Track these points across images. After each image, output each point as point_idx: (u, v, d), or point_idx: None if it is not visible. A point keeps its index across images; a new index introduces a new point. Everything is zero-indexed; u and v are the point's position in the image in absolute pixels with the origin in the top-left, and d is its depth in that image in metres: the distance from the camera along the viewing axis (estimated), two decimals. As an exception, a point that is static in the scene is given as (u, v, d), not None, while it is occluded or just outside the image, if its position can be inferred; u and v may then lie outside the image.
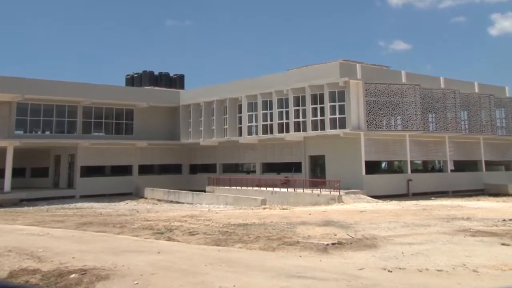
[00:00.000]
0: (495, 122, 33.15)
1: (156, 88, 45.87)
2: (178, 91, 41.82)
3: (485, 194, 29.73)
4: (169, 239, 11.89)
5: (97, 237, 12.54)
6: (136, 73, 55.04)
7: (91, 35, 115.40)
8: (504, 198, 25.94)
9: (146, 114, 36.73)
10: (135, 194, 33.60)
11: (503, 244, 9.81)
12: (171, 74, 56.36)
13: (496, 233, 11.29)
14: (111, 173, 35.75)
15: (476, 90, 33.08)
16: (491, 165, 33.63)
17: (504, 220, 13.75)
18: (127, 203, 28.93)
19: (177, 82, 55.24)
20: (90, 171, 34.04)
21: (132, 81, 54.10)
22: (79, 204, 27.57)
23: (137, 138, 35.75)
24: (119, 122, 36.41)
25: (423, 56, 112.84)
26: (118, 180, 34.35)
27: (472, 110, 31.88)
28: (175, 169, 37.92)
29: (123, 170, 35.59)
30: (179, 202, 28.73)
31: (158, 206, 27.03)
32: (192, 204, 27.54)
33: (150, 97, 37.35)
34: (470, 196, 28.00)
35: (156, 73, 55.19)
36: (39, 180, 35.91)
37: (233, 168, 36.97)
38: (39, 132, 33.65)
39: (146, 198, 31.70)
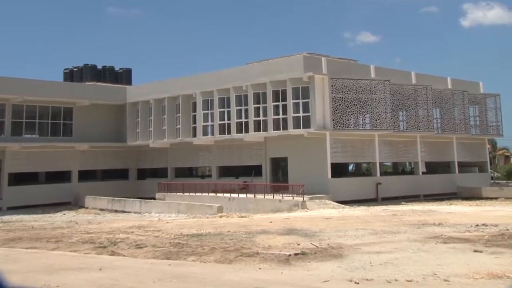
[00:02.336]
0: (469, 121, 34.40)
1: (99, 83, 45.01)
2: (124, 87, 41.19)
3: (458, 197, 30.81)
4: (113, 253, 11.68)
5: (27, 254, 12.12)
6: (76, 67, 53.89)
7: (21, 24, 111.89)
8: (478, 202, 26.91)
9: (88, 113, 35.90)
10: (74, 204, 32.84)
11: (475, 251, 10.16)
12: (117, 68, 55.57)
13: (469, 239, 11.70)
14: (45, 181, 34.75)
15: (449, 86, 34.18)
16: (464, 167, 34.88)
17: (477, 225, 14.28)
18: (64, 214, 28.24)
19: (123, 77, 54.51)
20: (21, 178, 32.94)
21: (71, 75, 52.91)
22: (6, 217, 26.56)
23: (77, 140, 34.89)
24: (55, 122, 35.41)
25: (393, 49, 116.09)
26: (54, 188, 33.44)
27: (444, 107, 32.94)
28: (120, 174, 37.34)
29: (60, 177, 34.66)
30: (125, 212, 28.32)
31: (101, 216, 26.55)
32: (140, 213, 27.21)
33: (92, 94, 36.52)
34: (442, 200, 28.90)
35: (99, 66, 54.31)
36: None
37: (186, 172, 36.71)
38: (-41, 135, 32.26)
39: (87, 208, 31.05)
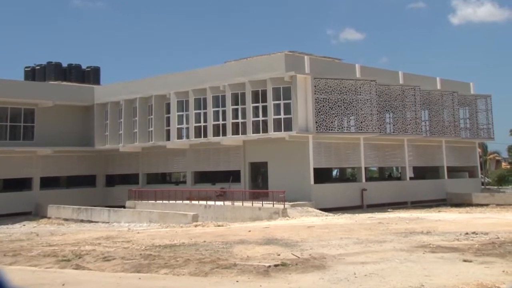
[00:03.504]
0: (459, 123, 34.90)
1: (64, 83, 44.75)
2: (92, 86, 40.97)
3: (447, 204, 31.28)
4: (77, 267, 11.54)
5: (-19, 269, 11.85)
6: (38, 65, 53.31)
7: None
8: (468, 209, 27.40)
9: (51, 114, 35.47)
10: (36, 214, 32.41)
11: (465, 261, 10.33)
12: (84, 67, 55.16)
13: (458, 249, 11.89)
14: (3, 189, 34.13)
15: (438, 87, 34.66)
16: (454, 172, 35.39)
17: (467, 233, 14.52)
18: (24, 225, 27.90)
19: (91, 76, 54.19)
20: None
21: (33, 74, 52.32)
22: (-42, 229, 26.03)
23: (39, 144, 34.42)
24: (15, 125, 34.88)
25: (378, 47, 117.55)
26: (12, 197, 32.87)
27: (433, 109, 33.38)
28: (87, 181, 36.98)
29: (19, 185, 34.14)
30: (92, 221, 28.08)
31: (65, 227, 26.29)
32: (108, 223, 27.03)
33: (56, 94, 36.14)
34: (430, 207, 29.30)
35: (64, 65, 53.87)
36: None
37: (159, 178, 36.52)
38: None
39: (49, 218, 30.70)
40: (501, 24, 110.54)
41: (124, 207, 30.25)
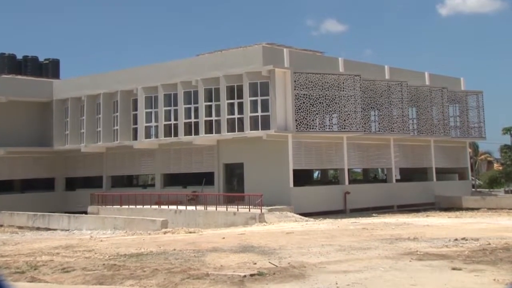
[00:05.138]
0: (448, 121, 35.35)
1: (19, 77, 43.96)
2: (51, 81, 40.52)
3: (436, 208, 31.79)
4: (33, 279, 11.39)
5: None
6: (-12, 57, 52.52)
7: None
8: (457, 213, 27.80)
9: (4, 111, 35.18)
10: (-15, 222, 31.91)
11: (453, 269, 10.46)
12: (41, 59, 54.48)
13: (446, 256, 12.05)
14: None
15: (427, 82, 35.13)
16: (443, 173, 35.86)
17: (456, 239, 14.73)
18: (-28, 234, 27.37)
19: (49, 69, 53.57)
20: None
21: (-17, 67, 51.49)
22: None
23: (-9, 144, 33.96)
24: (-37, 123, 34.40)
25: (362, 39, 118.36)
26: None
27: (421, 106, 33.78)
28: (45, 184, 36.75)
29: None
30: (50, 229, 27.81)
31: (19, 235, 25.84)
32: (68, 230, 26.79)
33: (10, 89, 35.83)
34: (418, 211, 29.69)
35: (19, 57, 53.11)
36: None
37: (125, 181, 36.32)
38: None
39: (1, 226, 30.38)
40: (492, 15, 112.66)
41: (86, 213, 30.11)
